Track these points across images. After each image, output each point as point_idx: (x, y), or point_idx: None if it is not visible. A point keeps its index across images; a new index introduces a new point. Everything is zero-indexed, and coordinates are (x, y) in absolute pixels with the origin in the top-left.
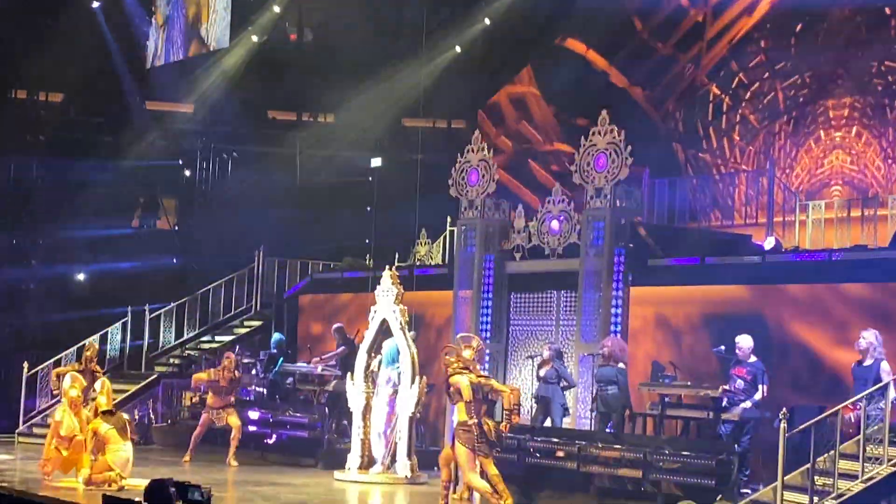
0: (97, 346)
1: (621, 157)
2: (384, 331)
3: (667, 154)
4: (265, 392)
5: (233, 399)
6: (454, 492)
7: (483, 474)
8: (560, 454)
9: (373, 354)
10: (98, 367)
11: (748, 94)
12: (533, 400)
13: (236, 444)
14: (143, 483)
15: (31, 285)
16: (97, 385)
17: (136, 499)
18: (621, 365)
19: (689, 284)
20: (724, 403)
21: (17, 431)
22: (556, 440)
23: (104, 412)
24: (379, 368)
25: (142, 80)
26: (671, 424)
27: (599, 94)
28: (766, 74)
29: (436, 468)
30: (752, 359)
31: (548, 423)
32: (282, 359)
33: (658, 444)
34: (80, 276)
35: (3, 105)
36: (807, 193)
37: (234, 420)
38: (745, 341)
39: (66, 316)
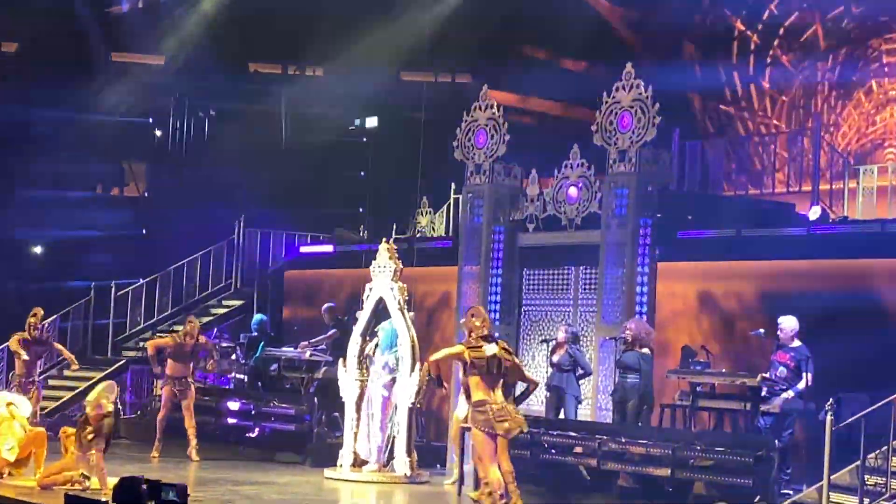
0: (42, 312)
1: (648, 115)
2: (380, 311)
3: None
4: (246, 380)
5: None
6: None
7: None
8: (578, 450)
9: (367, 338)
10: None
11: (781, 30)
12: (545, 389)
13: (194, 430)
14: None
15: None
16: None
17: (103, 499)
18: (646, 350)
19: (724, 259)
20: (764, 393)
21: None
22: (573, 435)
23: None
24: (374, 353)
25: (107, 27)
26: (703, 417)
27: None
28: (804, 5)
29: (439, 465)
30: (796, 343)
31: (561, 416)
32: (263, 342)
33: (689, 439)
34: (37, 249)
35: None
36: (856, 156)
37: (186, 401)
38: (787, 323)
39: (20, 290)
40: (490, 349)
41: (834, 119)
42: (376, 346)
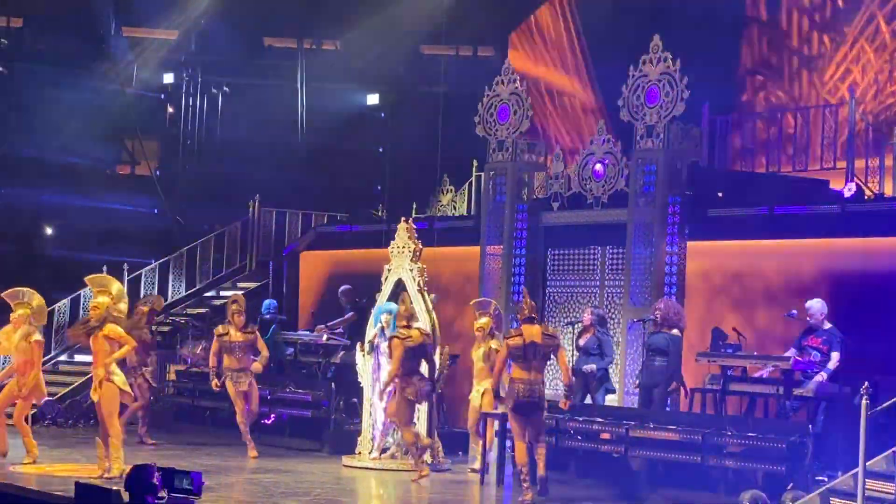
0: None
1: (677, 89)
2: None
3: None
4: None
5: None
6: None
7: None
8: (605, 436)
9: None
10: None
11: None
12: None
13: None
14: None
15: None
16: None
17: (115, 487)
18: (675, 332)
19: (756, 238)
20: (797, 377)
21: None
22: (599, 420)
23: None
24: (376, 340)
25: (118, 1)
26: (734, 401)
27: None
28: None
29: (460, 452)
30: (827, 325)
31: (588, 402)
32: (274, 325)
33: (719, 425)
34: (48, 230)
35: None
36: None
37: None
38: (815, 306)
39: (33, 276)
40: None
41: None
42: (382, 331)
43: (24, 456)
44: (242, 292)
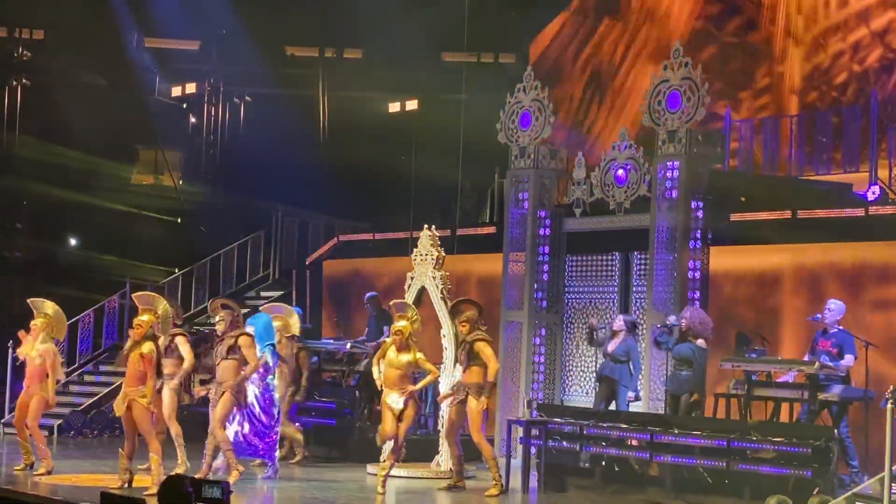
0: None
1: (698, 94)
2: (421, 300)
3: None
4: None
5: None
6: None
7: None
8: (630, 443)
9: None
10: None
11: None
12: (595, 380)
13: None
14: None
15: (15, 252)
16: None
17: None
18: (700, 342)
19: (778, 242)
20: (822, 381)
21: (2, 421)
22: (624, 426)
23: None
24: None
25: (139, 12)
26: (759, 406)
27: None
28: None
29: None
30: (837, 328)
31: (612, 408)
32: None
33: (744, 430)
34: (72, 242)
35: None
36: None
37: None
38: (836, 306)
39: (57, 287)
40: None
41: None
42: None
43: (39, 465)
44: (266, 301)
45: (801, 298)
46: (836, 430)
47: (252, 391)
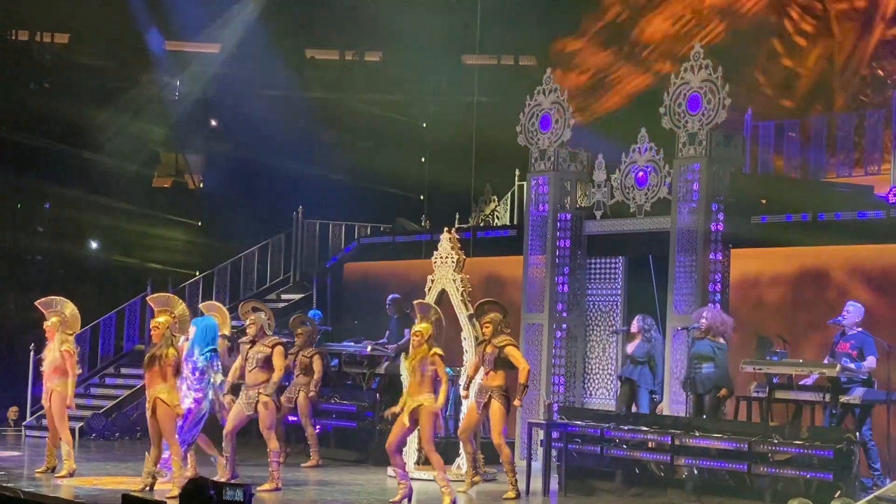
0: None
1: (718, 96)
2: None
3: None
4: None
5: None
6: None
7: None
8: (650, 445)
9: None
10: None
11: None
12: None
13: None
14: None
15: (37, 256)
16: None
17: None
18: (721, 340)
19: (799, 244)
20: (844, 384)
21: (24, 424)
22: (645, 429)
23: None
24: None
25: (160, 15)
26: (780, 409)
27: None
28: None
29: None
30: (856, 330)
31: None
32: (318, 337)
33: (765, 433)
34: (93, 245)
35: (2, 48)
36: None
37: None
38: (855, 308)
39: (78, 290)
40: None
41: None
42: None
43: (61, 468)
44: (286, 303)
45: (822, 301)
46: (858, 433)
47: (191, 397)
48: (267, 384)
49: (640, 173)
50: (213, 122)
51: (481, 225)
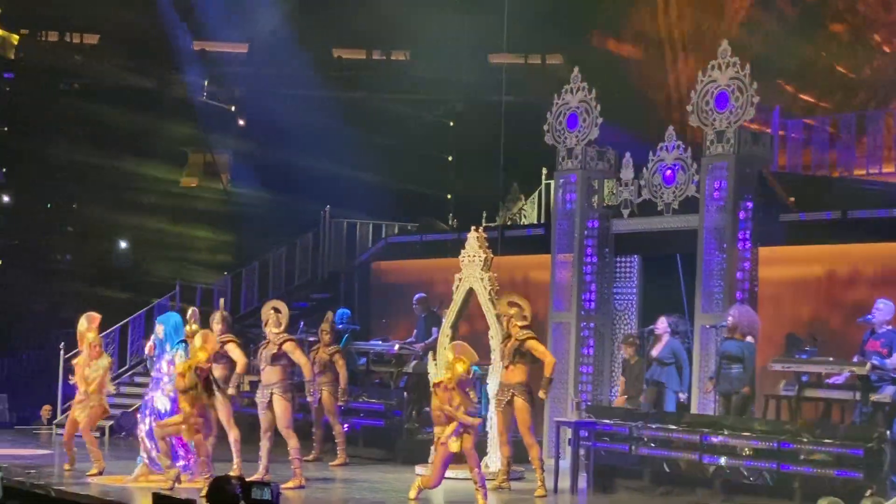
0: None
1: (746, 94)
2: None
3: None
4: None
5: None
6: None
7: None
8: (679, 444)
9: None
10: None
11: None
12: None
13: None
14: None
15: (66, 255)
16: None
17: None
18: (749, 339)
19: (829, 243)
20: (874, 382)
21: (54, 422)
22: (673, 427)
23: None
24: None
25: (188, 15)
26: (809, 407)
27: None
28: None
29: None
30: (886, 328)
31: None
32: (346, 335)
33: (794, 431)
34: (122, 244)
35: (32, 49)
36: None
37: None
38: (885, 306)
39: (107, 290)
40: None
41: None
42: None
43: (91, 466)
44: (314, 302)
45: (851, 299)
46: (888, 432)
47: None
48: (280, 383)
49: (668, 171)
50: (241, 122)
51: (508, 224)
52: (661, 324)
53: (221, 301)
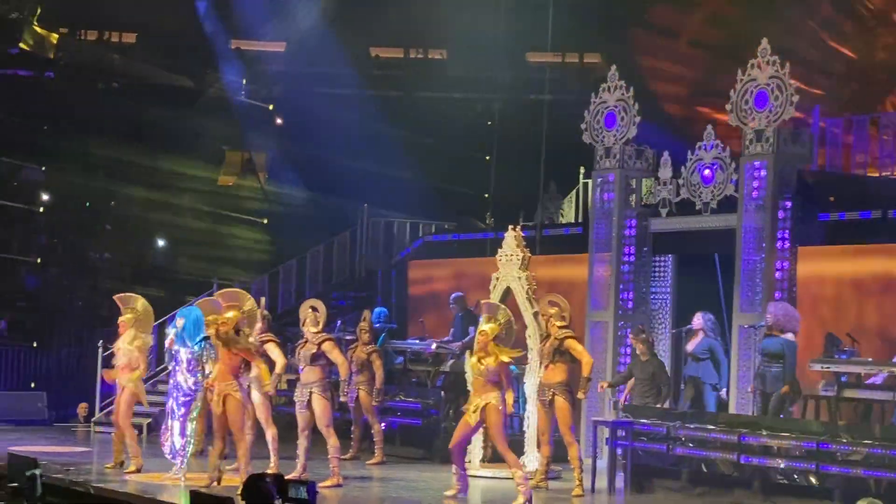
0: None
1: (786, 93)
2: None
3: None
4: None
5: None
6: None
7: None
8: (717, 444)
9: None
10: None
11: None
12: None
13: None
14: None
15: (104, 254)
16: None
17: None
18: (789, 336)
19: (868, 242)
20: None
21: (93, 420)
22: (711, 427)
23: None
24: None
25: (226, 14)
26: (848, 408)
27: None
28: None
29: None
30: None
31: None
32: (384, 334)
33: (834, 432)
34: (160, 243)
35: (71, 48)
36: None
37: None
38: None
39: (145, 288)
40: None
41: None
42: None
43: (129, 464)
44: (352, 301)
45: (890, 298)
46: None
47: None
48: (319, 382)
49: (707, 170)
50: (279, 121)
51: (546, 223)
52: (698, 319)
53: (262, 300)
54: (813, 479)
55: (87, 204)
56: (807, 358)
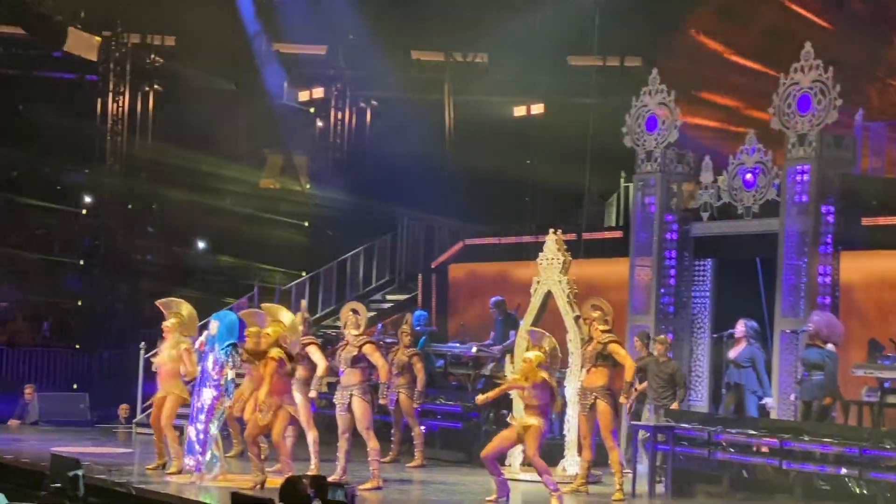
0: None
1: (829, 97)
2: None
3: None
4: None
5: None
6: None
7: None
8: (759, 449)
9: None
10: None
11: None
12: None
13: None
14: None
15: (147, 255)
16: None
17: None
18: (830, 346)
19: None
20: None
21: (134, 421)
22: (753, 433)
23: None
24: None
25: (268, 17)
26: (892, 414)
27: None
28: None
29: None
30: None
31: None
32: (424, 337)
33: (877, 438)
34: (201, 245)
35: (112, 51)
36: None
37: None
38: None
39: (186, 290)
40: None
41: None
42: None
43: (170, 465)
44: (391, 304)
45: None
46: None
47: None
48: (360, 384)
49: (748, 175)
50: (320, 124)
51: (587, 227)
52: (740, 326)
53: (303, 303)
54: (855, 486)
55: (130, 206)
56: (850, 363)
